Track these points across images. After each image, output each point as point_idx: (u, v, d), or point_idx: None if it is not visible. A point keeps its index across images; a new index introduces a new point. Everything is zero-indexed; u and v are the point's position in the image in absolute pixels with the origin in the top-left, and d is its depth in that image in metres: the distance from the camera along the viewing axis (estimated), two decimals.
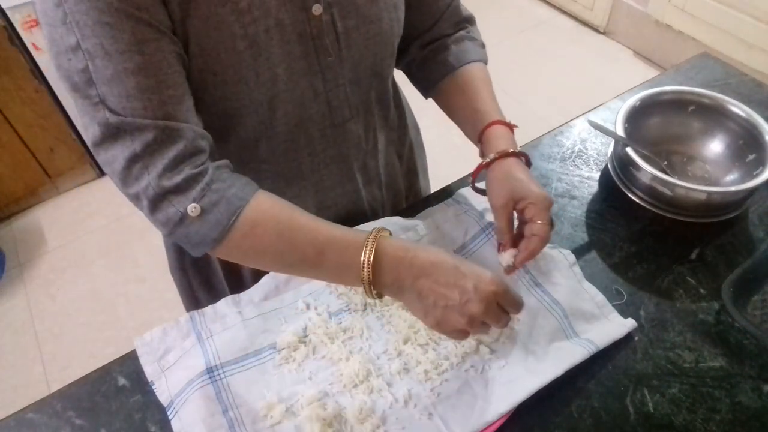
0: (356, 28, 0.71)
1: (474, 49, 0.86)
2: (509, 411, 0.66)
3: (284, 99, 0.70)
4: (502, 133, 0.78)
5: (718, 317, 0.76)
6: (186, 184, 0.59)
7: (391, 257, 0.61)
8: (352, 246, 0.62)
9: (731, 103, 0.91)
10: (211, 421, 0.65)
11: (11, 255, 2.14)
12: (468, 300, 0.60)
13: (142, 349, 0.73)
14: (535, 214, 0.71)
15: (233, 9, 0.61)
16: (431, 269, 0.61)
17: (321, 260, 0.63)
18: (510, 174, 0.73)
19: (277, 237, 0.62)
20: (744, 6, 2.24)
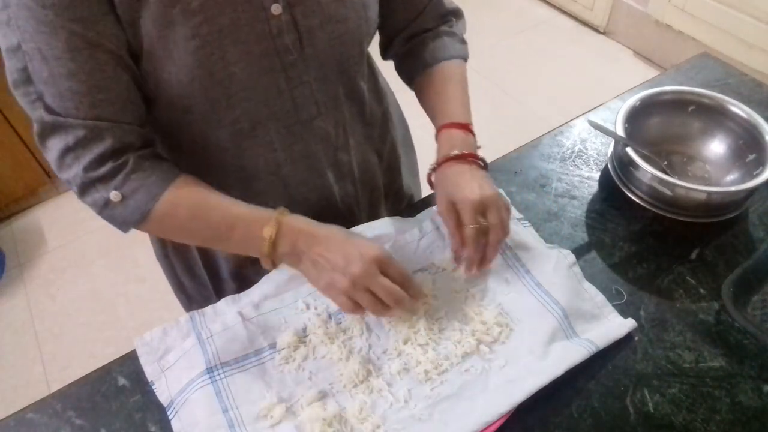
0: (320, 27, 0.71)
1: (452, 45, 0.86)
2: (509, 411, 0.66)
3: (244, 97, 0.71)
4: (453, 136, 0.79)
5: (718, 317, 0.76)
6: (109, 175, 0.67)
7: (291, 229, 0.70)
8: (258, 221, 0.70)
9: (731, 103, 0.91)
10: (211, 421, 0.66)
11: (11, 255, 2.14)
12: (350, 263, 0.67)
13: (142, 349, 0.73)
14: (463, 218, 0.74)
15: (183, 9, 0.62)
16: (324, 239, 0.70)
17: (231, 234, 0.71)
18: (447, 178, 0.77)
19: (191, 217, 0.71)
20: (744, 6, 2.24)
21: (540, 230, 0.85)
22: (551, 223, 0.88)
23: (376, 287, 0.68)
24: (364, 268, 0.67)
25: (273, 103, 0.74)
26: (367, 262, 0.67)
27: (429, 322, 0.74)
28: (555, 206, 0.90)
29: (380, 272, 0.68)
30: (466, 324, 0.74)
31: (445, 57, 0.86)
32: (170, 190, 0.69)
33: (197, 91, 0.67)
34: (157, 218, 0.69)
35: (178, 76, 0.66)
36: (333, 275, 0.68)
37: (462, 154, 0.77)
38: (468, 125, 0.81)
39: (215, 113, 0.71)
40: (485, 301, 0.76)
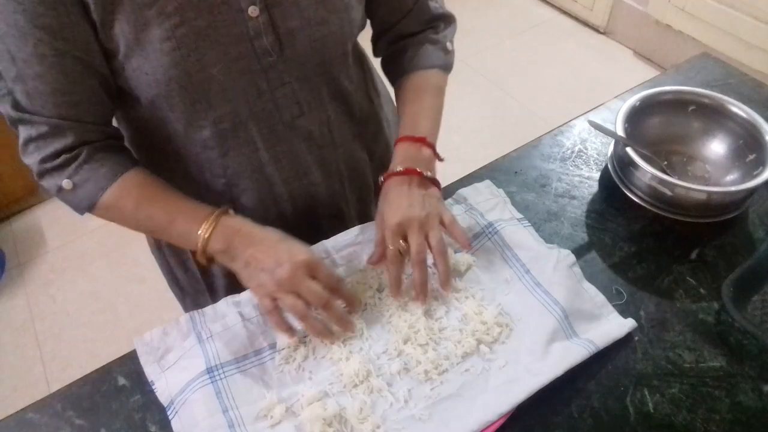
0: (300, 29, 0.71)
1: (433, 53, 0.86)
2: (509, 411, 0.66)
3: (224, 98, 0.72)
4: (405, 150, 0.80)
5: (718, 317, 0.76)
6: (62, 165, 0.71)
7: (226, 228, 0.72)
8: (197, 217, 0.72)
9: (731, 103, 0.91)
10: (211, 421, 0.65)
11: (11, 255, 2.15)
12: (279, 265, 0.68)
13: (142, 349, 0.73)
14: (386, 237, 0.75)
15: (159, 11, 0.63)
16: (258, 241, 0.71)
17: (170, 228, 0.74)
18: (385, 193, 0.78)
19: (135, 209, 0.74)
20: (744, 6, 2.24)
21: (540, 230, 0.85)
22: (551, 223, 0.88)
23: (302, 290, 0.68)
24: (292, 271, 0.68)
25: (254, 104, 0.74)
26: (296, 265, 0.68)
27: (429, 321, 0.74)
28: (555, 206, 0.90)
29: (309, 276, 0.69)
30: (466, 324, 0.74)
31: (422, 66, 0.85)
32: (118, 182, 0.72)
33: (175, 92, 0.68)
34: (104, 207, 0.73)
35: (155, 77, 0.67)
36: (261, 276, 0.69)
37: (406, 170, 0.77)
38: (424, 139, 0.80)
39: (196, 113, 0.72)
40: (485, 301, 0.76)
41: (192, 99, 0.70)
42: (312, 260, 0.70)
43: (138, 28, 0.64)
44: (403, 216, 0.74)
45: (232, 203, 0.83)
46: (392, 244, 0.74)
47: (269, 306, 0.70)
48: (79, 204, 0.73)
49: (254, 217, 0.85)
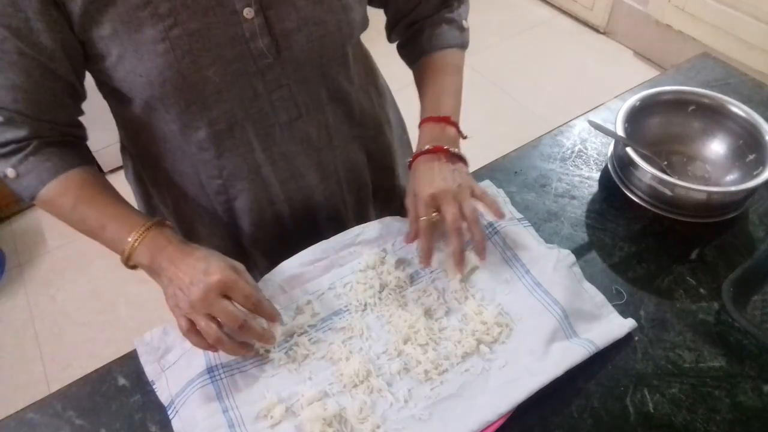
0: (297, 30, 0.70)
1: (450, 32, 0.86)
2: (509, 411, 0.66)
3: (219, 99, 0.71)
4: (431, 130, 0.81)
5: (718, 317, 0.76)
6: (10, 153, 0.71)
7: (153, 242, 0.70)
8: (126, 226, 0.71)
9: (731, 103, 0.91)
10: (212, 421, 0.66)
11: (11, 255, 2.14)
12: (193, 283, 0.66)
13: (142, 349, 0.73)
14: (418, 210, 0.76)
15: (152, 13, 0.63)
16: (181, 257, 0.68)
17: (101, 233, 0.72)
18: (415, 171, 0.79)
19: (72, 208, 0.73)
20: (744, 6, 2.24)
21: (540, 230, 0.85)
22: (551, 223, 0.88)
23: (215, 311, 0.65)
24: (204, 291, 0.65)
25: (250, 106, 0.74)
26: (208, 285, 0.65)
27: (429, 322, 0.74)
28: (555, 206, 0.90)
29: (223, 296, 0.66)
30: (466, 324, 0.74)
31: (441, 45, 0.86)
32: (60, 179, 0.72)
33: (170, 93, 0.68)
34: (43, 201, 0.73)
35: (149, 78, 0.66)
36: (178, 295, 0.67)
37: (434, 148, 0.78)
38: (448, 118, 0.81)
39: (191, 114, 0.72)
40: (485, 301, 0.76)
41: (187, 100, 0.70)
42: (227, 279, 0.66)
43: (131, 30, 0.63)
44: (436, 188, 0.75)
45: (228, 203, 0.84)
46: (425, 215, 0.74)
47: (185, 327, 0.67)
48: (22, 192, 0.73)
49: (251, 218, 0.85)
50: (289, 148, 0.80)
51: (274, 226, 0.87)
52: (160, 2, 0.63)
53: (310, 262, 0.80)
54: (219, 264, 0.67)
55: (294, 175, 0.83)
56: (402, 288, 0.78)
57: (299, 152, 0.82)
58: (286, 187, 0.84)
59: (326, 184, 0.87)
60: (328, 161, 0.86)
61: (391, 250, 0.82)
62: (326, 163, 0.86)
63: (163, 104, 0.70)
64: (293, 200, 0.86)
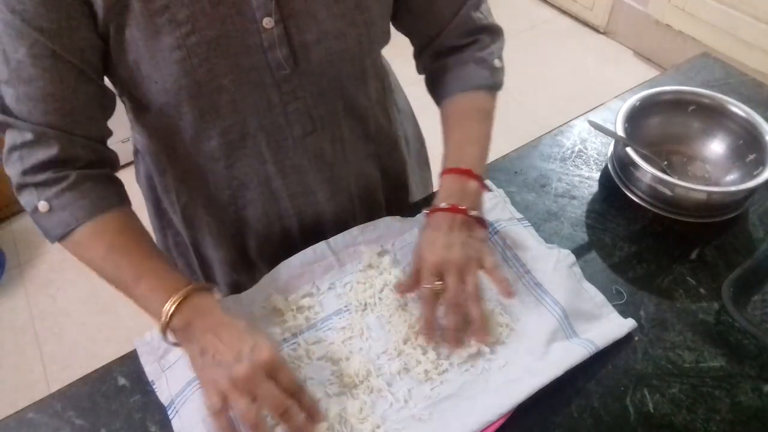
0: (316, 42, 0.68)
1: (477, 73, 0.80)
2: (509, 411, 0.65)
3: (234, 109, 0.70)
4: (449, 185, 0.75)
5: (718, 317, 0.76)
6: (45, 183, 0.66)
7: (192, 308, 0.65)
8: (164, 287, 0.65)
9: (731, 103, 0.91)
10: None
11: (11, 255, 2.14)
12: (239, 361, 0.60)
13: (143, 349, 0.73)
14: (421, 275, 0.71)
15: (170, 19, 0.62)
16: (220, 327, 0.64)
17: (135, 286, 0.67)
18: (426, 228, 0.74)
19: (105, 254, 0.68)
20: (744, 6, 2.24)
21: (540, 230, 0.85)
22: (551, 223, 0.88)
23: (260, 393, 0.60)
24: (252, 370, 0.60)
25: (264, 117, 0.72)
26: (257, 364, 0.60)
27: None
28: (555, 206, 0.90)
29: (269, 377, 0.61)
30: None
31: (466, 87, 0.80)
32: (97, 220, 0.67)
33: (185, 100, 0.67)
34: (75, 242, 0.68)
35: (164, 85, 0.65)
36: (217, 370, 0.61)
37: (451, 207, 0.72)
38: (470, 171, 0.75)
39: (204, 123, 0.70)
40: (485, 301, 0.76)
41: (201, 109, 0.68)
42: (276, 359, 0.62)
43: (148, 36, 0.62)
44: (440, 257, 0.70)
45: (236, 214, 0.83)
46: (427, 283, 0.70)
47: (218, 406, 0.61)
48: (50, 230, 0.68)
49: (259, 230, 0.84)
50: (301, 162, 0.79)
51: (281, 240, 0.85)
52: (178, 8, 0.61)
53: (310, 262, 0.80)
54: (266, 342, 0.63)
55: (305, 189, 0.82)
56: None
57: (311, 167, 0.80)
58: (296, 202, 0.83)
59: (337, 200, 0.86)
60: (341, 177, 0.84)
61: (392, 249, 0.82)
62: (338, 179, 0.84)
63: (177, 111, 0.68)
64: (303, 215, 0.84)
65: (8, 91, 0.63)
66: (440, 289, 0.70)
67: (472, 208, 0.73)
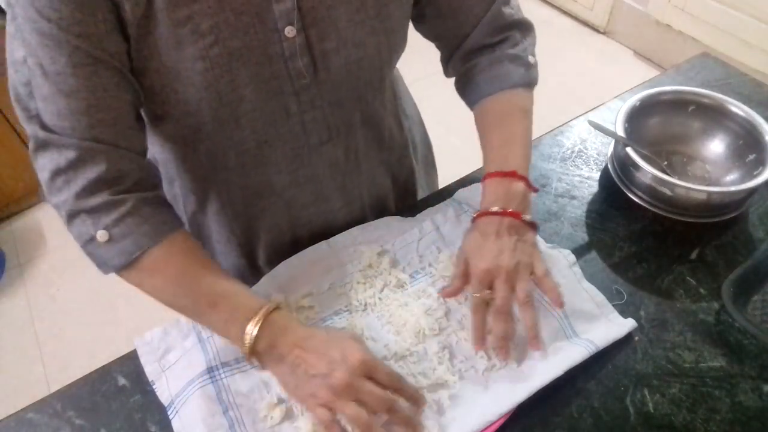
0: (336, 51, 0.68)
1: (514, 71, 0.78)
2: (509, 411, 0.66)
3: (252, 118, 0.69)
4: (494, 188, 0.74)
5: (718, 317, 0.76)
6: (101, 209, 0.62)
7: (273, 326, 0.64)
8: (243, 308, 0.65)
9: (731, 103, 0.91)
10: (212, 421, 0.66)
11: (11, 255, 2.15)
12: (334, 369, 0.61)
13: (143, 349, 0.74)
14: (471, 283, 0.71)
15: (193, 30, 0.60)
16: (304, 340, 0.64)
17: (212, 311, 0.66)
18: (472, 231, 0.74)
19: (175, 279, 0.66)
20: (744, 6, 2.24)
21: (540, 230, 0.85)
22: (551, 223, 0.88)
23: (364, 395, 0.60)
24: (350, 376, 0.60)
25: (281, 126, 0.72)
26: (353, 368, 0.61)
27: (429, 322, 0.74)
28: (555, 206, 0.90)
29: (368, 378, 0.61)
30: (466, 324, 0.74)
31: (503, 87, 0.78)
32: (163, 244, 0.65)
33: (205, 111, 0.66)
34: (140, 269, 0.65)
35: (185, 96, 0.64)
36: (313, 383, 0.61)
37: (501, 212, 0.71)
38: (514, 173, 0.73)
39: (223, 132, 0.70)
40: None
41: (221, 119, 0.67)
42: (369, 359, 0.62)
43: (171, 46, 0.61)
44: (490, 263, 0.69)
45: (248, 223, 0.83)
46: (477, 292, 0.69)
47: (328, 418, 0.61)
48: (110, 261, 0.64)
49: (269, 240, 0.84)
50: (315, 171, 0.79)
51: (291, 249, 0.84)
52: (202, 19, 0.60)
53: (310, 262, 0.80)
54: (354, 344, 0.63)
55: (318, 198, 0.82)
56: (402, 288, 0.78)
57: (326, 175, 0.80)
58: (308, 211, 0.82)
59: (349, 208, 0.86)
60: (353, 186, 0.84)
61: (392, 249, 0.82)
62: (351, 188, 0.84)
63: (195, 121, 0.67)
64: (314, 224, 0.84)
65: (48, 108, 0.60)
66: (489, 297, 0.69)
67: (520, 211, 0.72)
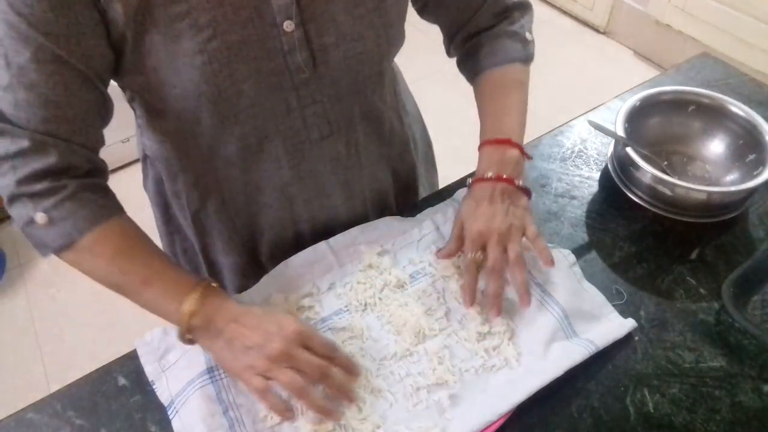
0: (335, 45, 0.68)
1: (511, 46, 0.82)
2: (509, 411, 0.66)
3: (252, 114, 0.69)
4: (491, 154, 0.77)
5: (718, 317, 0.76)
6: (43, 194, 0.63)
7: (210, 303, 0.65)
8: (179, 287, 0.66)
9: (731, 103, 0.91)
10: (212, 421, 0.66)
11: (11, 255, 2.14)
12: (269, 340, 0.63)
13: (143, 349, 0.74)
14: (465, 244, 0.74)
15: (191, 24, 0.61)
16: (240, 315, 0.65)
17: (146, 289, 0.67)
18: (468, 198, 0.76)
19: (109, 262, 0.67)
20: (744, 6, 2.24)
21: (540, 230, 0.85)
22: (551, 223, 0.88)
23: (299, 363, 0.62)
24: (285, 343, 0.62)
25: (282, 121, 0.72)
26: (288, 337, 0.63)
27: (429, 321, 0.74)
28: (555, 206, 0.90)
29: (303, 347, 0.63)
30: (466, 324, 0.74)
31: (501, 61, 0.82)
32: (101, 228, 0.66)
33: (204, 106, 0.66)
34: (77, 251, 0.65)
35: (184, 91, 0.64)
36: (250, 355, 0.63)
37: (496, 177, 0.74)
38: (509, 140, 0.77)
39: (223, 127, 0.70)
40: None
41: (220, 114, 0.68)
42: (305, 328, 0.64)
43: (169, 41, 0.61)
44: (484, 226, 0.72)
45: (250, 219, 0.83)
46: (471, 253, 0.72)
47: (262, 386, 0.63)
48: (49, 243, 0.65)
49: (271, 236, 0.84)
50: (317, 166, 0.79)
51: (293, 245, 0.85)
52: (200, 13, 0.61)
53: (310, 262, 0.80)
54: (289, 317, 0.66)
55: (320, 193, 0.82)
56: (402, 288, 0.78)
57: (327, 170, 0.80)
58: (311, 206, 0.83)
59: (351, 203, 0.86)
60: (355, 181, 0.85)
61: (392, 249, 0.82)
62: (353, 183, 0.84)
63: (195, 117, 0.67)
64: (316, 220, 0.85)
65: (6, 97, 0.60)
66: (482, 258, 0.72)
67: (514, 177, 0.75)
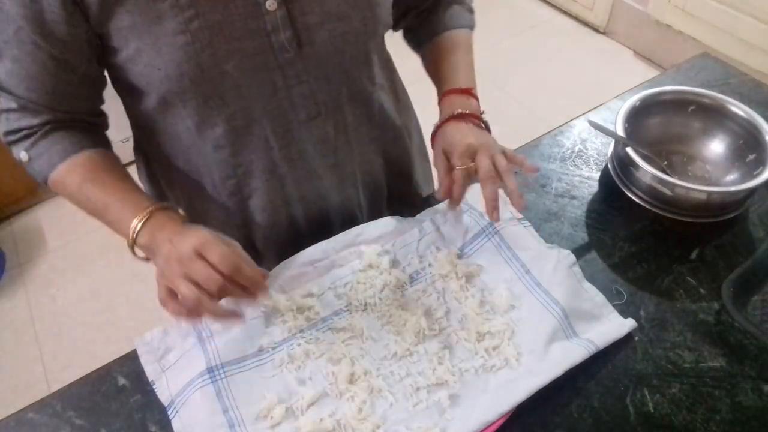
0: (320, 24, 0.69)
1: (461, 14, 0.90)
2: (509, 411, 0.66)
3: (238, 94, 0.70)
4: (454, 101, 0.81)
5: (718, 317, 0.76)
6: (21, 139, 0.73)
7: (156, 222, 0.69)
8: (131, 209, 0.70)
9: (731, 103, 0.91)
10: (212, 421, 0.66)
11: (11, 255, 2.14)
12: (172, 250, 0.65)
13: (143, 349, 0.74)
14: (452, 161, 0.76)
15: (173, 4, 0.62)
16: (176, 234, 0.67)
17: (107, 212, 0.72)
18: (444, 133, 0.79)
19: (78, 188, 0.73)
20: (744, 6, 2.24)
21: (540, 230, 0.85)
22: (551, 223, 0.88)
23: (192, 272, 0.63)
24: (178, 255, 0.64)
25: (268, 102, 0.73)
26: (181, 250, 0.64)
27: (429, 321, 0.74)
28: (555, 206, 0.90)
29: (200, 259, 0.63)
30: (465, 324, 0.74)
31: (453, 26, 0.89)
32: (70, 161, 0.72)
33: (188, 88, 0.67)
34: (53, 182, 0.74)
35: (167, 72, 0.65)
36: (163, 264, 0.66)
37: (461, 114, 0.79)
38: (470, 90, 0.82)
39: (208, 110, 0.71)
40: (485, 301, 0.76)
41: (205, 95, 0.69)
42: (203, 242, 0.64)
43: (151, 21, 0.62)
44: (471, 139, 0.76)
45: (242, 203, 0.83)
46: (460, 165, 0.75)
47: (162, 295, 0.67)
48: (36, 176, 0.74)
49: (265, 219, 0.84)
50: (306, 148, 0.79)
51: (287, 228, 0.86)
52: None
53: (310, 262, 0.80)
54: (203, 232, 0.66)
55: (310, 175, 0.82)
56: (402, 288, 0.78)
57: (317, 152, 0.81)
58: (302, 188, 0.83)
59: (342, 186, 0.87)
60: (345, 163, 0.85)
61: (392, 249, 0.82)
62: (343, 165, 0.85)
63: (180, 99, 0.69)
64: (308, 201, 0.85)
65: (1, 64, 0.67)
66: (473, 168, 0.75)
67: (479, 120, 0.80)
